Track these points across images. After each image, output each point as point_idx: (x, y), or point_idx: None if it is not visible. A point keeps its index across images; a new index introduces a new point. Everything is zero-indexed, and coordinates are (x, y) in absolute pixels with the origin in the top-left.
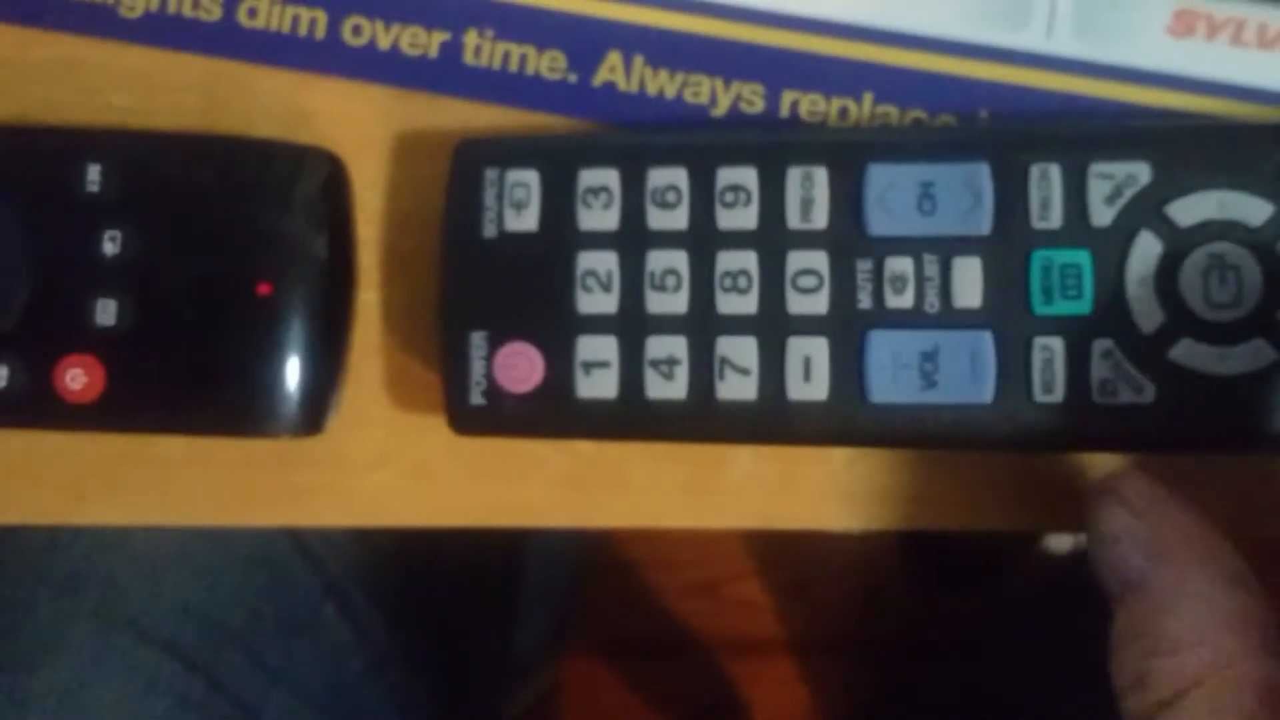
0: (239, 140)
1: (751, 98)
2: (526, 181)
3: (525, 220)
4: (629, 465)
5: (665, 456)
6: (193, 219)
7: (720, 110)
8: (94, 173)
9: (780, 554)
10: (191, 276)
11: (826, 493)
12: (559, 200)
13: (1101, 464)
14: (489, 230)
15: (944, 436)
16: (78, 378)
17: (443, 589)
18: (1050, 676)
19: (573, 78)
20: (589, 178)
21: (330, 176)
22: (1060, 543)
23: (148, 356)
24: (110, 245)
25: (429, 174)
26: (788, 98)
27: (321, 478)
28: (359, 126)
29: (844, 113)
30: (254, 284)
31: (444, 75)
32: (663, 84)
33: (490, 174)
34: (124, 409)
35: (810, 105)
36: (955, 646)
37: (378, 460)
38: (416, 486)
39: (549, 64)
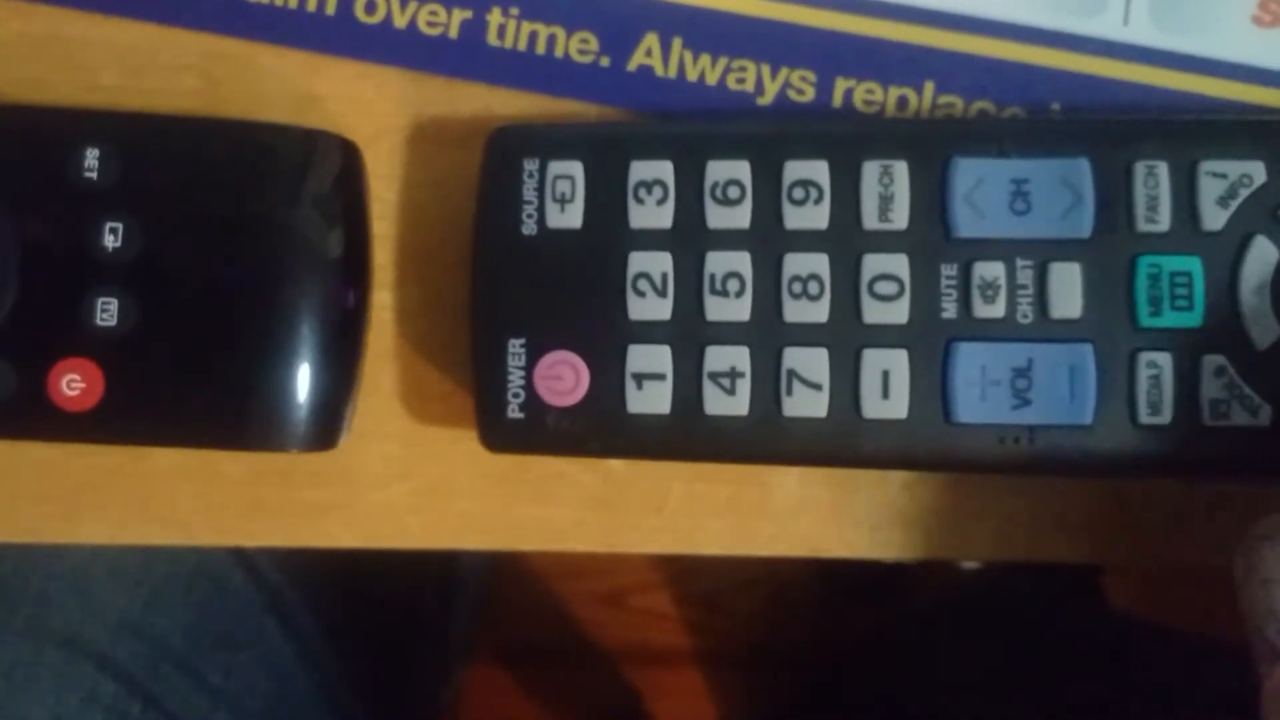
0: (248, 124)
1: (801, 85)
2: (570, 174)
3: (569, 217)
4: (664, 486)
5: (704, 477)
6: (198, 210)
7: (767, 98)
8: (92, 158)
9: (688, 565)
10: (196, 274)
11: (882, 520)
12: (607, 195)
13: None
14: (528, 227)
15: (1037, 461)
16: (74, 384)
17: (385, 601)
18: (959, 691)
19: (605, 61)
20: (641, 170)
21: (345, 165)
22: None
23: (150, 361)
24: (110, 238)
25: (447, 165)
26: (841, 85)
27: (331, 495)
28: (372, 113)
29: (902, 103)
30: (263, 283)
31: (465, 57)
32: (704, 69)
33: (529, 165)
34: (123, 418)
35: (865, 94)
36: (863, 661)
37: (392, 476)
38: (433, 505)
39: (579, 46)
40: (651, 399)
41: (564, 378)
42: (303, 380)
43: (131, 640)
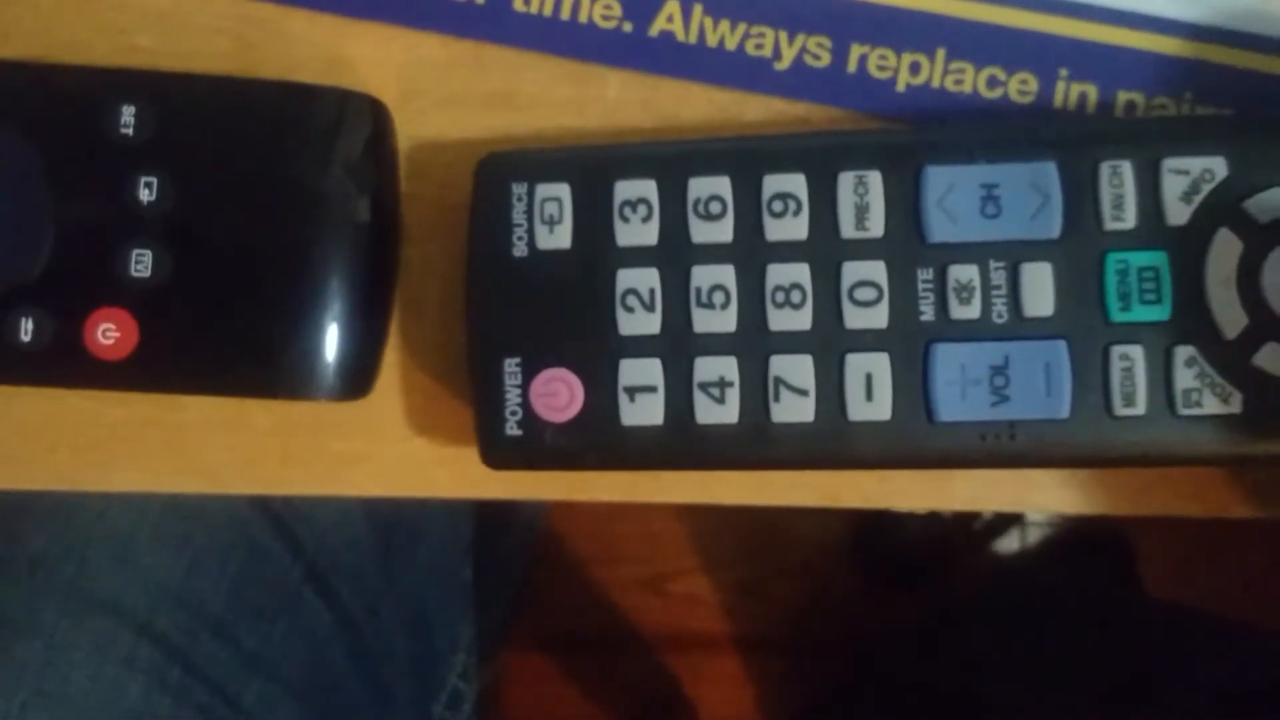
0: (281, 84)
1: (817, 51)
2: (558, 196)
3: (558, 238)
4: None
5: None
6: (232, 166)
7: (784, 64)
8: (128, 115)
9: (728, 550)
10: (229, 227)
11: (894, 470)
12: (593, 215)
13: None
14: (519, 249)
15: (1018, 455)
16: (109, 333)
17: (422, 576)
18: (998, 675)
19: (628, 26)
20: (625, 190)
21: (377, 125)
22: (1008, 543)
23: (183, 312)
24: (145, 192)
25: (474, 127)
26: (855, 51)
27: (359, 445)
28: (401, 76)
29: (915, 68)
30: (295, 237)
31: (492, 22)
32: (723, 35)
33: (518, 189)
34: (156, 367)
35: (879, 60)
36: (904, 645)
37: (419, 428)
38: (460, 456)
39: (602, 11)
40: (644, 411)
41: (559, 394)
42: (333, 331)
43: (171, 607)
